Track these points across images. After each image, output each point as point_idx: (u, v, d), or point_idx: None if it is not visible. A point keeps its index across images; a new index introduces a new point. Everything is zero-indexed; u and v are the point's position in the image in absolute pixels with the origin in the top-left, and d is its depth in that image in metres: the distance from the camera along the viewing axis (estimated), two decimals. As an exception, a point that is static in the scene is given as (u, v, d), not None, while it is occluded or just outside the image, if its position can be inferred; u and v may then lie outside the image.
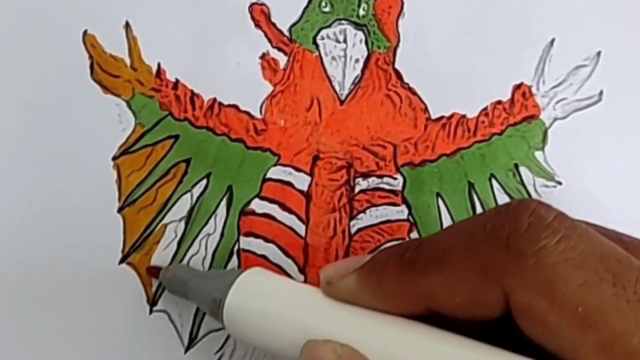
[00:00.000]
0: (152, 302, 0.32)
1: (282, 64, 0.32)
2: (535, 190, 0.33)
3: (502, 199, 0.33)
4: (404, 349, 0.23)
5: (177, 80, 0.32)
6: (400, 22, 0.32)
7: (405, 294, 0.23)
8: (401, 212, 0.32)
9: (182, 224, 0.32)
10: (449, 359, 0.22)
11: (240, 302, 0.27)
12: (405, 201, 0.33)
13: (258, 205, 0.32)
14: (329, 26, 0.32)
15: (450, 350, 0.22)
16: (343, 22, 0.32)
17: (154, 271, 0.32)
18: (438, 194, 0.33)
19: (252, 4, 0.32)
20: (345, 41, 0.32)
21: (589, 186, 0.33)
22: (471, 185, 0.33)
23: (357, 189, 0.32)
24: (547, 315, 0.20)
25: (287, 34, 0.32)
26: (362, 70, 0.32)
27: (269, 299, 0.26)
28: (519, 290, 0.20)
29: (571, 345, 0.20)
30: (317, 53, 0.32)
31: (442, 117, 0.33)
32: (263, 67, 0.32)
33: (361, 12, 0.32)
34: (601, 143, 0.33)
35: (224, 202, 0.32)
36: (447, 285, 0.22)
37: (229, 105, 0.32)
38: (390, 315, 0.24)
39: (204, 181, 0.32)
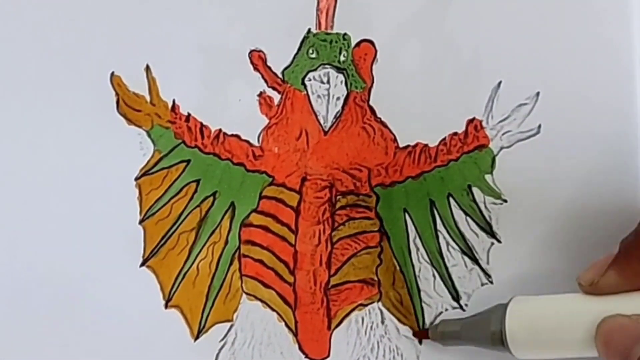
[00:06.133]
0: (168, 299, 0.33)
1: (276, 101, 0.34)
2: (485, 206, 0.33)
3: (458, 214, 0.33)
4: None
5: (189, 114, 0.33)
6: (374, 66, 0.34)
7: None
8: (374, 224, 0.33)
9: (193, 233, 0.33)
10: None
11: (519, 325, 0.28)
12: (377, 215, 0.34)
13: (256, 218, 0.33)
14: (315, 70, 0.34)
15: None
16: (327, 66, 0.34)
17: (423, 333, 0.33)
18: (405, 210, 0.34)
19: (251, 51, 0.33)
20: (328, 82, 0.34)
21: (529, 203, 0.33)
22: (432, 203, 0.33)
23: (337, 205, 0.33)
24: None
25: (280, 76, 0.34)
26: (343, 107, 0.34)
27: (544, 316, 0.27)
28: None
29: None
30: (305, 92, 0.34)
31: (409, 146, 0.34)
32: (260, 104, 0.34)
33: (342, 58, 0.34)
34: (539, 168, 0.33)
35: (227, 216, 0.33)
36: None
37: (232, 135, 0.34)
38: None
39: (211, 198, 0.33)
